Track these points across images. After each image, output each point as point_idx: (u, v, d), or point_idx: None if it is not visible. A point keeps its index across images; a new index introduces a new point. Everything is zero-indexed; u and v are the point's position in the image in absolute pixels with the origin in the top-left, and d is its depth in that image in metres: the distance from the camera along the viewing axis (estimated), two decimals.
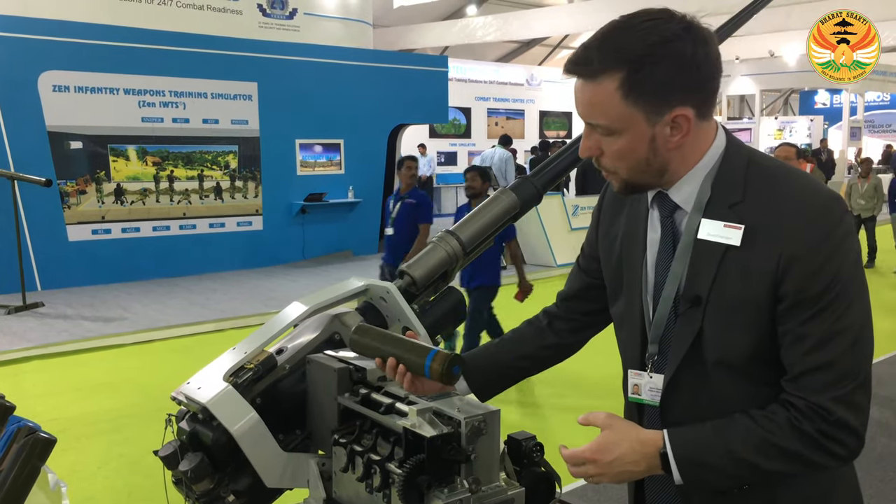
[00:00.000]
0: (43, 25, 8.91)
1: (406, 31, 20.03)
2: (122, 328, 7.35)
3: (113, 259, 9.50)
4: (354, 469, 1.24)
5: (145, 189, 9.79)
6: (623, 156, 1.27)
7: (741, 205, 1.26)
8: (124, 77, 9.45)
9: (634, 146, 1.26)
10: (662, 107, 1.23)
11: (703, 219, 1.28)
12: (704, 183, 1.30)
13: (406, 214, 6.15)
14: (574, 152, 1.68)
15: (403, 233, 6.13)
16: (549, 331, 1.61)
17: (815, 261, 1.19)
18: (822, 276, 1.19)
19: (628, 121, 1.23)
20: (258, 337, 1.42)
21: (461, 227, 1.64)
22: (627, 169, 1.29)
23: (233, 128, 10.40)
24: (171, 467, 1.36)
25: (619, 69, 1.20)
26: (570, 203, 10.86)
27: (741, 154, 1.31)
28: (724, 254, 1.25)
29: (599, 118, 1.25)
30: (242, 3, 11.05)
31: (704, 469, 1.23)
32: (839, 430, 1.19)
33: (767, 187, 1.26)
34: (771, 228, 1.22)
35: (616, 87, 1.21)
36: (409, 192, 6.28)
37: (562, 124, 22.23)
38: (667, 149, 1.26)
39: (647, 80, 1.20)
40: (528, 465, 1.30)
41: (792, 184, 1.25)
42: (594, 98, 1.24)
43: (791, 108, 31.20)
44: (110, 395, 5.59)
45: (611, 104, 1.22)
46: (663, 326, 1.33)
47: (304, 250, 11.11)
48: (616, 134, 1.25)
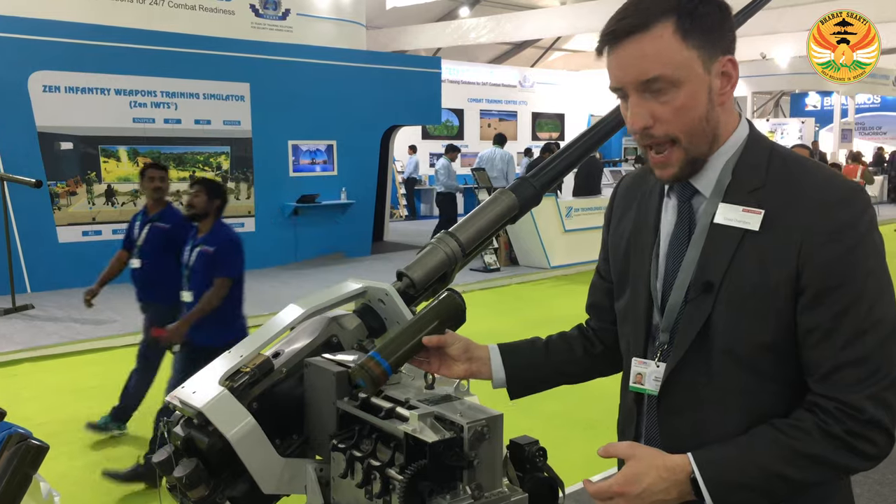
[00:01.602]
0: (33, 25, 8.85)
1: (399, 33, 20.01)
2: (114, 330, 7.29)
3: (103, 261, 9.34)
4: (353, 475, 1.22)
5: (136, 190, 9.73)
6: (686, 111, 1.22)
7: (762, 190, 1.24)
8: (115, 77, 9.39)
9: (696, 98, 1.22)
10: (715, 51, 1.22)
11: (722, 203, 1.26)
12: (726, 168, 1.28)
13: (156, 241, 4.69)
14: (574, 152, 1.65)
15: (154, 266, 4.65)
16: (595, 339, 1.58)
17: (839, 250, 1.16)
18: (846, 267, 1.16)
19: (689, 67, 1.21)
20: (254, 340, 1.39)
21: (460, 228, 1.61)
22: (687, 132, 1.24)
23: (225, 129, 10.36)
24: (166, 473, 1.34)
25: (671, 14, 1.20)
26: (564, 205, 10.86)
27: (764, 142, 1.30)
28: (741, 240, 1.23)
29: (660, 68, 1.20)
30: (235, 4, 11.00)
31: (736, 489, 1.19)
32: (871, 429, 1.16)
33: (789, 175, 1.24)
34: (792, 216, 1.20)
35: (673, 31, 1.20)
36: (161, 212, 4.75)
37: (554, 126, 22.25)
38: (719, 103, 1.25)
39: (700, 22, 1.20)
40: (530, 471, 1.27)
41: (815, 173, 1.24)
42: (651, 48, 1.20)
43: (782, 111, 31.32)
44: (102, 399, 5.53)
45: (671, 50, 1.20)
46: (675, 315, 1.30)
47: (297, 252, 11.07)
48: (677, 86, 1.21)
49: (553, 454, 1.33)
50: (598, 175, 12.56)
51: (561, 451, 4.49)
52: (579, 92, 22.13)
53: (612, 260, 1.49)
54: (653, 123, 1.24)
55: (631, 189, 1.50)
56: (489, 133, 19.97)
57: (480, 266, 10.26)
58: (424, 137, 18.62)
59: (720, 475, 1.18)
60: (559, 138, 21.30)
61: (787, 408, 1.23)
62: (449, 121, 19.42)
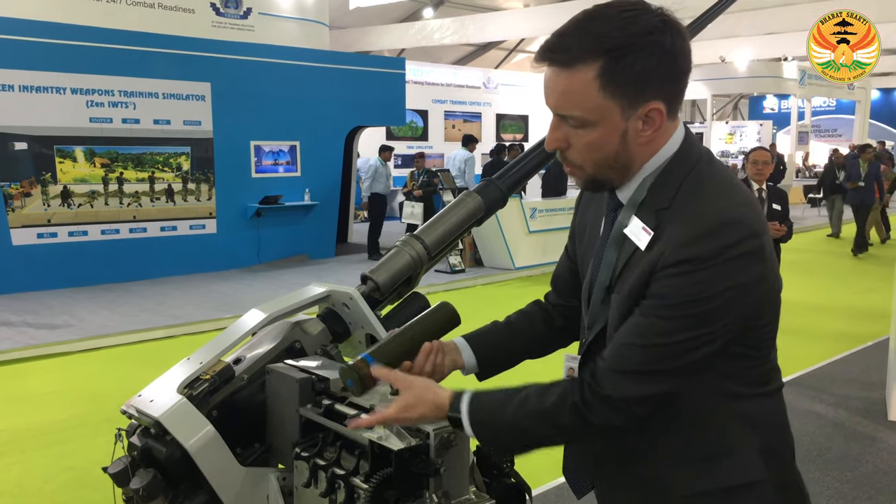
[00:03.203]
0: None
1: (362, 33, 19.92)
2: (69, 335, 7.12)
3: (59, 263, 9.22)
4: (317, 484, 1.19)
5: (93, 191, 9.53)
6: (593, 149, 1.24)
7: (666, 211, 1.24)
8: (72, 76, 9.18)
9: (606, 139, 1.23)
10: (638, 99, 1.20)
11: (634, 216, 1.29)
12: (642, 185, 1.29)
13: None
14: (540, 154, 1.66)
15: None
16: (555, 313, 1.61)
17: (678, 274, 1.17)
18: (675, 282, 1.18)
19: (603, 113, 1.20)
20: (214, 346, 1.36)
21: (426, 231, 1.60)
22: (594, 164, 1.27)
23: (185, 129, 10.19)
24: (122, 485, 1.30)
25: (598, 58, 1.17)
26: (529, 206, 10.91)
27: (689, 160, 1.28)
28: (632, 253, 1.27)
29: (573, 109, 1.21)
30: (195, 2, 10.84)
31: (488, 429, 1.22)
32: (600, 402, 1.22)
33: (692, 199, 1.24)
34: (671, 235, 1.21)
35: (594, 77, 1.18)
36: None
37: (518, 127, 22.36)
38: (637, 143, 1.25)
39: (627, 71, 1.17)
40: (497, 477, 1.26)
41: (714, 199, 1.22)
42: (569, 87, 1.20)
43: (741, 113, 31.90)
44: (57, 406, 5.40)
45: (587, 94, 1.19)
46: (596, 313, 1.36)
47: (260, 254, 10.94)
48: (589, 126, 1.22)
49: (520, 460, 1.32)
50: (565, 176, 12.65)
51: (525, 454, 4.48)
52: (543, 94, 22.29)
53: (578, 244, 1.52)
54: (567, 147, 1.27)
55: None
56: (454, 134, 20.00)
57: (445, 268, 10.26)
58: (389, 138, 18.57)
59: (479, 416, 1.22)
60: (523, 139, 21.41)
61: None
62: (413, 122, 19.39)
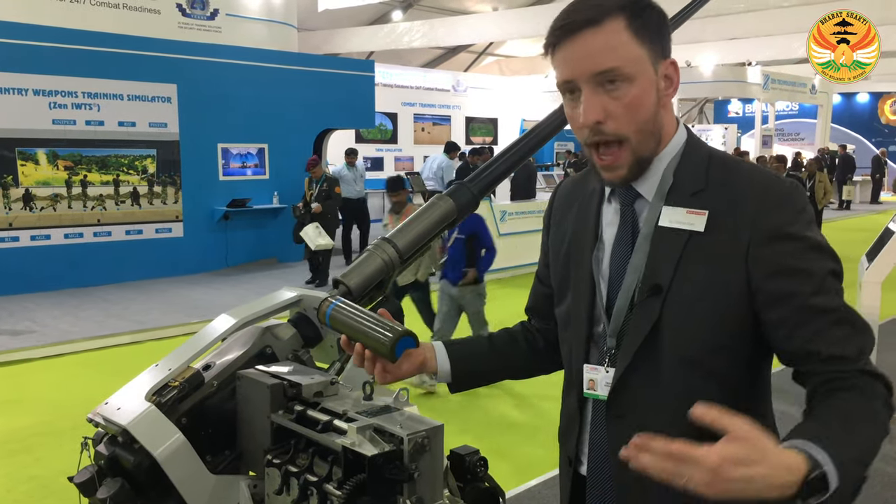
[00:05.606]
0: None
1: (331, 35, 19.81)
2: (31, 342, 6.97)
3: (21, 268, 9.02)
4: (289, 491, 1.17)
5: (56, 195, 9.34)
6: (635, 108, 1.24)
7: (704, 192, 1.26)
8: (33, 77, 8.99)
9: (647, 95, 1.25)
10: (660, 52, 1.26)
11: (665, 206, 1.28)
12: (667, 171, 1.30)
13: None
14: (512, 157, 1.64)
15: None
16: (538, 335, 1.59)
17: (784, 248, 1.20)
18: (794, 261, 1.19)
19: (641, 63, 1.24)
20: (183, 352, 1.33)
21: (398, 235, 1.58)
22: (638, 128, 1.25)
23: (151, 131, 10.04)
24: (89, 494, 1.27)
25: (622, 11, 1.22)
26: (499, 209, 10.93)
27: (702, 147, 1.33)
28: (686, 242, 1.25)
29: (615, 61, 1.22)
30: (161, 2, 10.70)
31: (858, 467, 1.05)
32: (885, 381, 1.18)
33: (729, 177, 1.27)
34: (735, 216, 1.23)
35: (625, 27, 1.22)
36: None
37: (487, 130, 22.40)
38: (662, 105, 1.28)
39: (649, 22, 1.24)
40: (471, 481, 1.26)
41: (752, 173, 1.27)
42: (607, 41, 1.22)
43: (706, 117, 32.33)
44: (19, 414, 5.28)
45: (624, 42, 1.22)
46: (622, 319, 1.31)
47: (228, 258, 10.82)
48: (629, 81, 1.23)
49: (493, 464, 1.32)
50: (534, 179, 12.73)
51: (498, 458, 4.50)
52: (512, 97, 22.36)
53: (553, 265, 1.49)
54: (605, 118, 1.24)
55: (571, 193, 1.51)
56: (423, 137, 19.96)
57: None
58: (358, 141, 18.47)
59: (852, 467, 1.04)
60: (492, 143, 21.45)
61: None
62: (383, 124, 19.32)
